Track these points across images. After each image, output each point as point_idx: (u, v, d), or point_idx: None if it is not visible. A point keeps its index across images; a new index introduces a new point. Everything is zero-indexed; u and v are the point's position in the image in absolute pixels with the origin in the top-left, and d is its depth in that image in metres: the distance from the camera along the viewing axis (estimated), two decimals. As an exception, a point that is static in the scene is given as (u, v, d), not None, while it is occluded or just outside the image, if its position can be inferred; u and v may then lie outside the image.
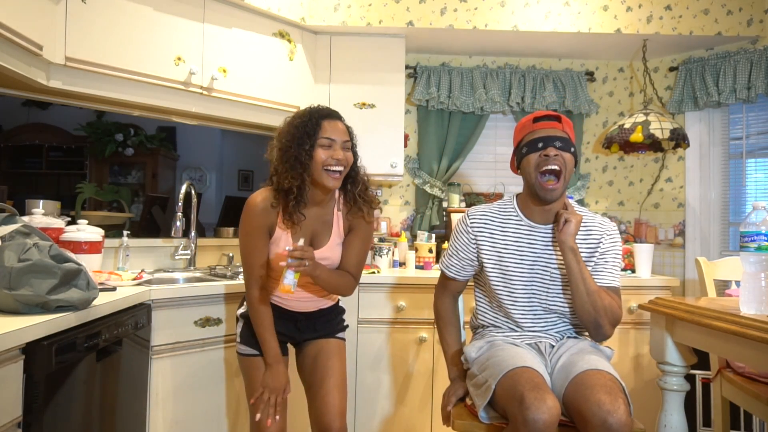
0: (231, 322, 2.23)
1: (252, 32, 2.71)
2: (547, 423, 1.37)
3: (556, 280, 1.72)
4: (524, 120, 1.77)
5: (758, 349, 1.38)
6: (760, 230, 1.48)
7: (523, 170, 1.72)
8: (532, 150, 1.68)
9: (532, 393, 1.40)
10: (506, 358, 1.59)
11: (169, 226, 2.63)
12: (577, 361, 1.58)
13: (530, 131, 1.72)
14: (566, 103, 3.31)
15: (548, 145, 1.66)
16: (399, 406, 2.67)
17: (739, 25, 2.96)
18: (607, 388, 1.43)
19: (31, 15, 1.92)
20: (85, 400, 1.58)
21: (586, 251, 1.74)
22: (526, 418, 1.37)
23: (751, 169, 3.14)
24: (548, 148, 1.65)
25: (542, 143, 1.66)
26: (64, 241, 2.05)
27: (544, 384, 1.47)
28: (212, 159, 5.83)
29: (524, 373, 1.50)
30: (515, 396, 1.43)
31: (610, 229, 1.77)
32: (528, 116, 1.77)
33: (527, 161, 1.69)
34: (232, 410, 2.25)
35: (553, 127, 1.70)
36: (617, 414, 1.36)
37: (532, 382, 1.45)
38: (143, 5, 2.34)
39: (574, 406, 1.47)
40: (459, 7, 2.96)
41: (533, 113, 1.78)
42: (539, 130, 1.70)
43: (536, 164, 1.66)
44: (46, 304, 1.38)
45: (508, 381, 1.50)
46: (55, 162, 5.56)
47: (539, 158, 1.66)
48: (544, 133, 1.69)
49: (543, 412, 1.36)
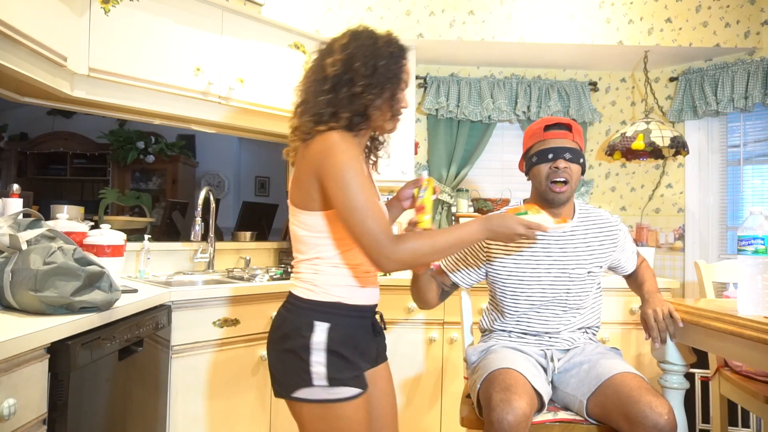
0: (248, 322, 2.26)
1: (268, 44, 2.74)
2: (512, 424, 1.37)
3: (575, 279, 1.73)
4: (535, 127, 1.74)
5: (755, 348, 1.39)
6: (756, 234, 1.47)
7: (533, 177, 1.73)
8: (543, 160, 1.68)
9: (499, 394, 1.42)
10: (494, 361, 1.60)
11: (189, 230, 2.64)
12: (604, 365, 1.59)
13: (541, 140, 1.71)
14: (570, 112, 3.35)
15: (558, 157, 1.66)
16: (408, 405, 2.70)
17: (737, 37, 3.01)
18: (652, 391, 1.45)
19: (55, 27, 1.94)
20: (108, 398, 1.58)
21: (609, 248, 1.78)
22: (491, 419, 1.39)
23: (748, 175, 3.17)
24: (558, 160, 1.66)
25: (552, 154, 1.67)
26: (88, 245, 2.07)
27: (517, 385, 1.46)
28: (230, 166, 5.87)
29: (500, 375, 1.50)
30: (485, 398, 1.46)
31: (617, 222, 1.82)
32: (539, 122, 1.75)
33: (537, 170, 1.70)
34: (249, 408, 2.27)
35: (563, 136, 1.69)
36: (669, 415, 1.40)
37: (504, 383, 1.46)
38: (164, 18, 2.36)
39: (619, 408, 1.46)
40: (467, 20, 3.01)
41: (544, 119, 1.75)
42: (550, 140, 1.69)
43: (546, 175, 1.68)
44: (70, 306, 1.38)
45: (486, 382, 1.52)
46: (79, 169, 5.63)
47: (549, 170, 1.67)
48: (555, 143, 1.68)
49: (508, 413, 1.37)
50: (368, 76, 1.29)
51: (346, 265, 1.33)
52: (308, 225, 1.32)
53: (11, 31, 1.68)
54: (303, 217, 1.32)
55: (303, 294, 1.33)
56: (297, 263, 1.38)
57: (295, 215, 1.34)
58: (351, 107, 1.28)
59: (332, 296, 1.32)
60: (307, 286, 1.33)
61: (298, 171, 1.33)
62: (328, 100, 1.29)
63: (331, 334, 1.28)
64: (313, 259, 1.33)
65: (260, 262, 3.13)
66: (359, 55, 1.29)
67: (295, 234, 1.36)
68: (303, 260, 1.35)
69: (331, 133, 1.26)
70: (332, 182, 1.22)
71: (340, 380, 1.26)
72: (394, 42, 1.37)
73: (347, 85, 1.28)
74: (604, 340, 2.68)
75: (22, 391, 1.15)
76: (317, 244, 1.32)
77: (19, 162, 5.47)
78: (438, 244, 1.27)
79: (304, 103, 1.34)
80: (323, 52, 1.36)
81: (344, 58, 1.30)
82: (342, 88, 1.28)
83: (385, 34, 1.38)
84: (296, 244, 1.37)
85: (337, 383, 1.26)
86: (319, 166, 1.25)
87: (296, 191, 1.33)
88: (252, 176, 5.81)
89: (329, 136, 1.26)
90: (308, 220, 1.31)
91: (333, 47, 1.34)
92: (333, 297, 1.32)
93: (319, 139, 1.27)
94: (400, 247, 1.22)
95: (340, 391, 1.26)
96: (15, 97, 2.20)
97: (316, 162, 1.25)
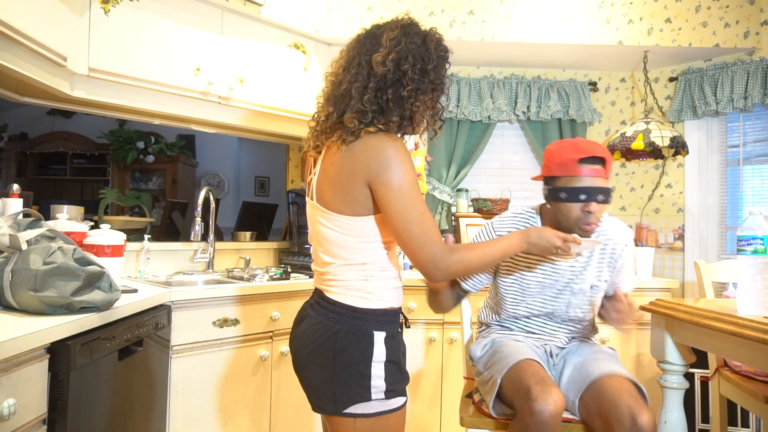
0: (248, 322, 2.26)
1: (268, 44, 2.74)
2: (553, 414, 1.40)
3: (578, 295, 1.71)
4: (566, 155, 1.58)
5: (754, 348, 1.40)
6: (756, 234, 1.50)
7: (558, 210, 1.63)
8: (573, 199, 1.57)
9: (538, 386, 1.43)
10: (510, 353, 1.61)
11: (189, 230, 2.65)
12: (595, 365, 1.60)
13: (573, 174, 1.57)
14: (570, 112, 3.36)
15: (591, 199, 1.56)
16: (409, 404, 2.69)
17: (737, 38, 3.01)
18: (634, 396, 1.46)
19: (55, 27, 1.94)
20: (108, 398, 1.58)
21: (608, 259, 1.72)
22: (533, 408, 1.40)
23: (748, 175, 3.18)
24: (591, 203, 1.56)
25: (585, 195, 1.55)
26: (88, 245, 2.07)
27: (549, 377, 1.50)
28: (230, 166, 5.87)
29: (529, 366, 1.52)
30: (522, 388, 1.46)
31: (626, 236, 1.75)
32: (569, 148, 1.59)
33: (566, 208, 1.59)
34: (249, 407, 2.28)
35: (597, 174, 1.56)
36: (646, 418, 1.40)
37: (537, 375, 1.48)
38: (164, 18, 2.36)
39: (598, 409, 1.49)
40: (467, 20, 3.02)
41: (576, 145, 1.59)
42: (583, 178, 1.56)
43: (577, 217, 1.58)
44: (70, 306, 1.38)
45: (513, 374, 1.52)
46: (79, 169, 5.63)
47: (581, 213, 1.57)
48: (589, 182, 1.55)
49: (549, 404, 1.40)
50: (416, 80, 1.23)
51: (389, 267, 1.29)
52: (353, 230, 1.23)
53: (11, 31, 1.69)
54: (346, 222, 1.23)
55: (356, 303, 1.24)
56: (336, 268, 1.27)
57: (331, 219, 1.25)
58: (399, 111, 1.22)
59: (386, 302, 1.27)
60: (361, 294, 1.24)
61: (337, 172, 1.23)
62: (372, 98, 1.21)
63: (388, 343, 1.24)
64: (361, 264, 1.25)
65: (260, 262, 3.13)
66: (409, 56, 1.22)
67: (330, 238, 1.26)
68: (345, 265, 1.26)
69: (386, 138, 1.20)
70: (392, 191, 1.17)
71: (395, 391, 1.24)
72: (442, 43, 1.31)
73: (394, 86, 1.21)
74: (603, 340, 2.68)
75: (22, 391, 1.15)
76: (364, 249, 1.25)
77: (19, 162, 5.47)
78: (486, 255, 1.30)
79: (345, 96, 1.25)
80: (370, 42, 1.27)
81: (394, 57, 1.22)
82: (389, 88, 1.21)
83: (432, 33, 1.30)
84: (332, 248, 1.27)
85: (392, 395, 1.23)
86: (376, 172, 1.17)
87: (334, 194, 1.24)
88: (252, 176, 5.81)
89: (384, 141, 1.19)
90: (354, 224, 1.23)
91: (381, 40, 1.26)
92: (386, 303, 1.27)
93: (370, 141, 1.19)
94: (455, 258, 1.22)
95: (394, 402, 1.24)
96: (15, 97, 2.21)
97: (370, 167, 1.18)
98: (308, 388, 1.28)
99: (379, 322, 1.24)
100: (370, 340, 1.22)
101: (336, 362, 1.21)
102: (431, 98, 1.28)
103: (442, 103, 1.32)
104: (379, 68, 1.21)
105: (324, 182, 1.26)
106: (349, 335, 1.22)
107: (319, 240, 1.31)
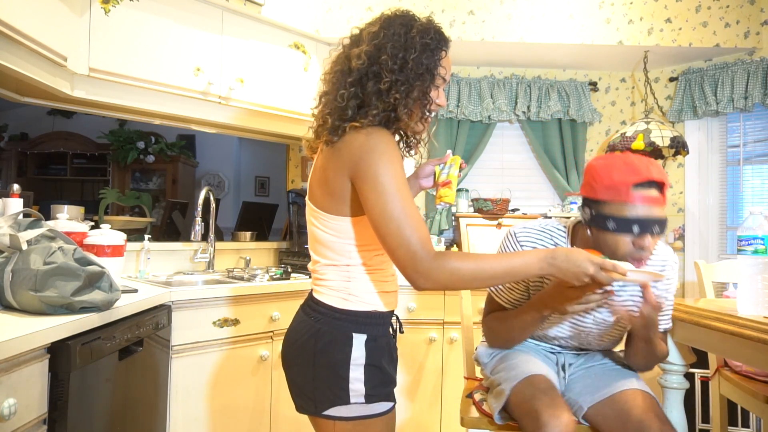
0: (248, 322, 2.26)
1: (268, 44, 2.75)
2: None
3: (601, 325, 1.56)
4: (618, 177, 1.34)
5: (755, 348, 1.39)
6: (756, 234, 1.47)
7: (603, 239, 1.38)
8: (624, 231, 1.33)
9: (548, 410, 1.34)
10: (519, 364, 1.55)
11: (189, 230, 2.66)
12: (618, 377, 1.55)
13: (626, 201, 1.33)
14: (570, 112, 3.36)
15: (646, 232, 1.33)
16: (409, 404, 2.71)
17: (737, 38, 3.01)
18: (662, 417, 1.41)
19: (56, 27, 1.94)
20: (108, 398, 1.58)
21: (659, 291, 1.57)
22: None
23: (748, 175, 3.18)
24: (645, 237, 1.33)
25: (639, 228, 1.32)
26: (88, 245, 2.08)
27: (559, 398, 1.42)
28: (230, 166, 5.88)
29: (540, 383, 1.45)
30: (530, 411, 1.38)
31: (674, 267, 1.58)
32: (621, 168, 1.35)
33: (614, 240, 1.35)
34: (249, 407, 2.28)
35: (654, 203, 1.33)
36: None
37: (548, 395, 1.40)
38: (164, 18, 2.36)
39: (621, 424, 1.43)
40: (467, 20, 3.02)
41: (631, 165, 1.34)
42: (638, 206, 1.32)
43: (627, 252, 1.35)
44: (70, 306, 1.38)
45: (522, 389, 1.45)
46: (79, 169, 5.64)
47: (632, 247, 1.35)
48: (644, 212, 1.32)
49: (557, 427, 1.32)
50: (396, 71, 1.16)
51: (379, 270, 1.24)
52: (339, 230, 1.20)
53: (11, 31, 1.69)
54: (333, 222, 1.20)
55: (337, 303, 1.22)
56: (321, 267, 1.25)
57: (319, 218, 1.23)
58: (380, 104, 1.16)
59: (368, 305, 1.22)
60: (342, 295, 1.22)
61: (324, 170, 1.20)
62: (351, 93, 1.17)
63: (369, 346, 1.20)
64: (345, 266, 1.22)
65: (260, 262, 3.14)
66: (388, 46, 1.16)
67: (318, 237, 1.25)
68: (329, 265, 1.24)
69: (370, 130, 1.14)
70: (368, 183, 1.10)
71: (377, 396, 1.19)
72: (430, 31, 1.21)
73: (373, 79, 1.16)
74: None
75: (22, 391, 1.15)
76: (349, 250, 1.21)
77: (19, 162, 5.48)
78: (483, 269, 1.12)
79: (325, 94, 1.24)
80: (352, 40, 1.25)
81: (370, 49, 1.17)
82: (368, 82, 1.16)
83: (422, 21, 1.22)
84: (319, 248, 1.25)
85: (373, 399, 1.19)
86: (356, 164, 1.12)
87: (321, 192, 1.21)
88: (252, 176, 5.81)
89: (368, 133, 1.14)
90: (339, 225, 1.20)
91: (361, 35, 1.22)
92: (369, 306, 1.23)
93: (353, 135, 1.15)
94: (439, 264, 1.08)
95: (376, 407, 1.19)
96: (15, 97, 2.22)
97: (350, 161, 1.13)
98: (292, 386, 1.27)
99: (360, 324, 1.21)
100: (349, 342, 1.19)
101: (316, 362, 1.19)
102: (415, 91, 1.18)
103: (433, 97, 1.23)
104: (354, 63, 1.18)
105: (314, 180, 1.25)
106: (328, 336, 1.20)
107: (310, 239, 1.30)
